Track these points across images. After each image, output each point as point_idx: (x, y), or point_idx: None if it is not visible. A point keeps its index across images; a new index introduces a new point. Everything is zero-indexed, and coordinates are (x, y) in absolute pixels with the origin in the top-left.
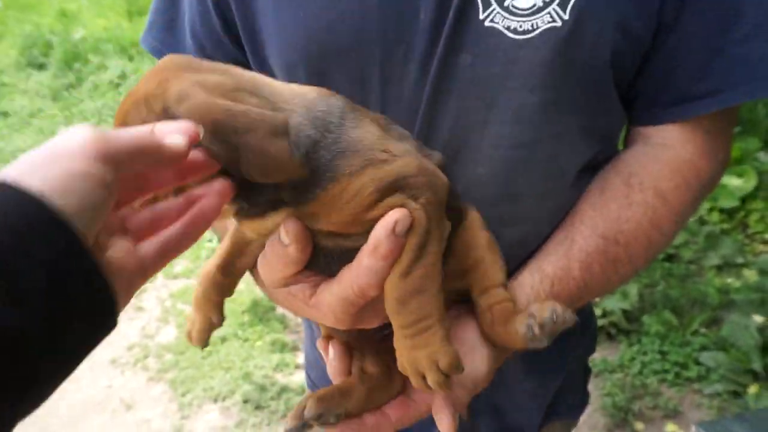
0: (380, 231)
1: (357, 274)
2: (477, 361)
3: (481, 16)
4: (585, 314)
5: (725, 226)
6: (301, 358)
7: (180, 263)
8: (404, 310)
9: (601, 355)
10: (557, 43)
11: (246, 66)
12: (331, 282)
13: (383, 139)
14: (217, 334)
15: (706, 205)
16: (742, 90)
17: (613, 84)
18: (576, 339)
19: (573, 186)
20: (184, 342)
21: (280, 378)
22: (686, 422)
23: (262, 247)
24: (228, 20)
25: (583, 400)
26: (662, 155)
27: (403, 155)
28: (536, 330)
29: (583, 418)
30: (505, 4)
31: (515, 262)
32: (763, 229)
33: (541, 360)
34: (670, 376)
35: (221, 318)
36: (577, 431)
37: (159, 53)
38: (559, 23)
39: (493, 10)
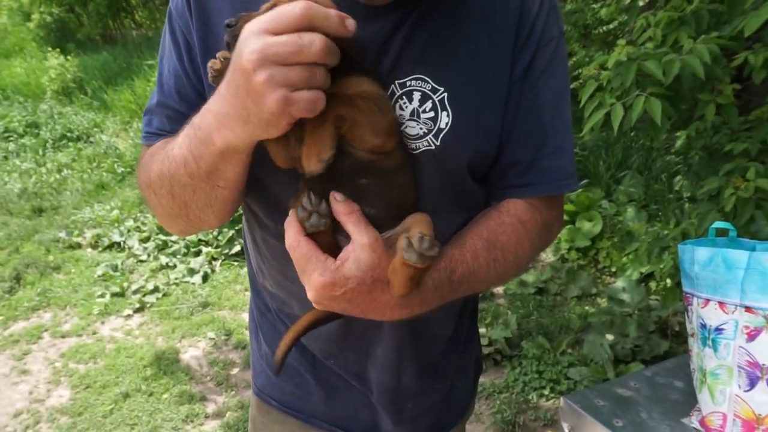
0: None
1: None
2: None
3: None
4: (474, 345)
5: (581, 262)
6: (210, 407)
7: (70, 320)
8: None
9: (490, 379)
10: (431, 158)
11: None
12: None
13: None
14: (118, 390)
15: (565, 246)
16: (544, 187)
17: (471, 179)
18: (465, 359)
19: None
20: (80, 403)
21: (191, 429)
22: (560, 429)
23: None
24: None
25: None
26: (519, 203)
27: None
28: (407, 247)
29: None
30: (400, 129)
31: None
32: (610, 264)
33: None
34: (546, 391)
35: None
36: None
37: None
38: (433, 147)
39: None
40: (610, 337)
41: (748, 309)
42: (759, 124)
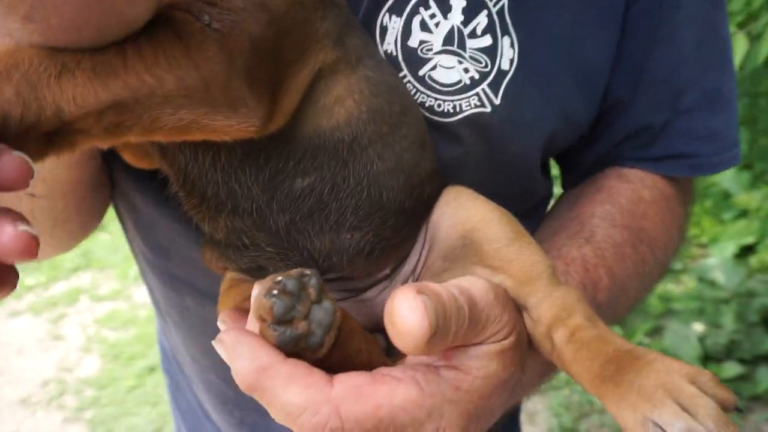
0: None
1: None
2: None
3: None
4: None
5: None
6: None
7: (106, 283)
8: None
9: None
10: (482, 130)
11: None
12: None
13: None
14: (144, 363)
15: None
16: (687, 164)
17: (539, 161)
18: None
19: None
20: (106, 375)
21: None
22: None
23: None
24: None
25: None
26: (653, 174)
27: None
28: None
29: None
30: (420, 73)
31: None
32: (701, 233)
33: None
34: None
35: None
36: None
37: None
38: (488, 108)
39: (404, 76)
40: (699, 327)
41: None
42: None
